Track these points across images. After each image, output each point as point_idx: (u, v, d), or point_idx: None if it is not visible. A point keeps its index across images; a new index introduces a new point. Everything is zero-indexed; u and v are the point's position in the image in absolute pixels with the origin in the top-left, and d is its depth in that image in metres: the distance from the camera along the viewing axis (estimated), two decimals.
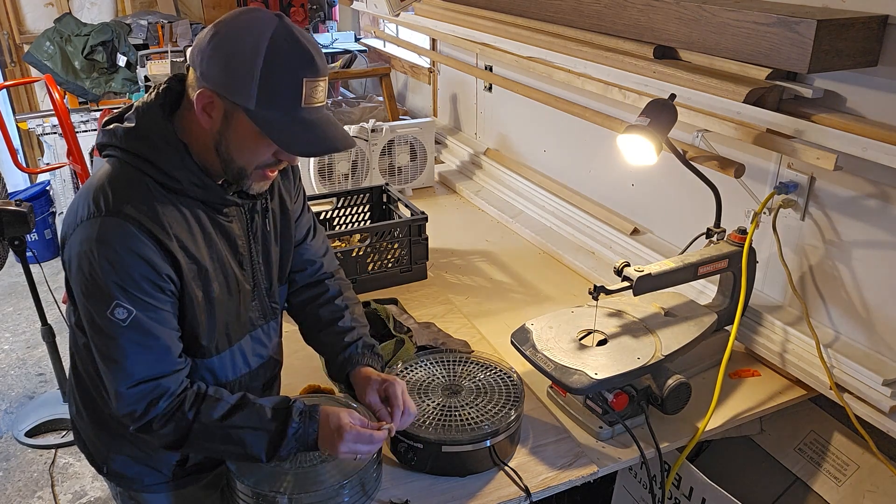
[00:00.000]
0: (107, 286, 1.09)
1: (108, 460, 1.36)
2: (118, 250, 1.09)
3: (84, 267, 1.10)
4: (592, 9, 1.89)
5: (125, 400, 1.15)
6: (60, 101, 3.15)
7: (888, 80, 1.44)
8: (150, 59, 3.63)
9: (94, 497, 2.72)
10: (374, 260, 2.11)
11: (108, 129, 1.17)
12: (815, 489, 1.69)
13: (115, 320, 1.11)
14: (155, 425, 1.16)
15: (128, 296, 1.10)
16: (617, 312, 1.66)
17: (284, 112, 1.10)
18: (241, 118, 1.10)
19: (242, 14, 1.11)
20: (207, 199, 1.19)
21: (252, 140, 1.13)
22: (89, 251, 1.09)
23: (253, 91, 1.07)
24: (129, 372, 1.14)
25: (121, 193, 1.11)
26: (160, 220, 1.12)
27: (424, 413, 1.43)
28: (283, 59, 1.07)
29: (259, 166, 1.17)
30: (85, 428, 1.38)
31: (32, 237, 4.35)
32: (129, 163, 1.14)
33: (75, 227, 1.12)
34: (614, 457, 1.48)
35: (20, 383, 3.38)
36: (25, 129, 4.16)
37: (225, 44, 1.08)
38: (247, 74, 1.06)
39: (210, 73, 1.08)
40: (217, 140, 1.14)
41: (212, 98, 1.10)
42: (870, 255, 1.57)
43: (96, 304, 1.11)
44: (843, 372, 1.56)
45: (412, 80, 3.84)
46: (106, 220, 1.09)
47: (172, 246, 1.13)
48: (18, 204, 2.62)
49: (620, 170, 2.20)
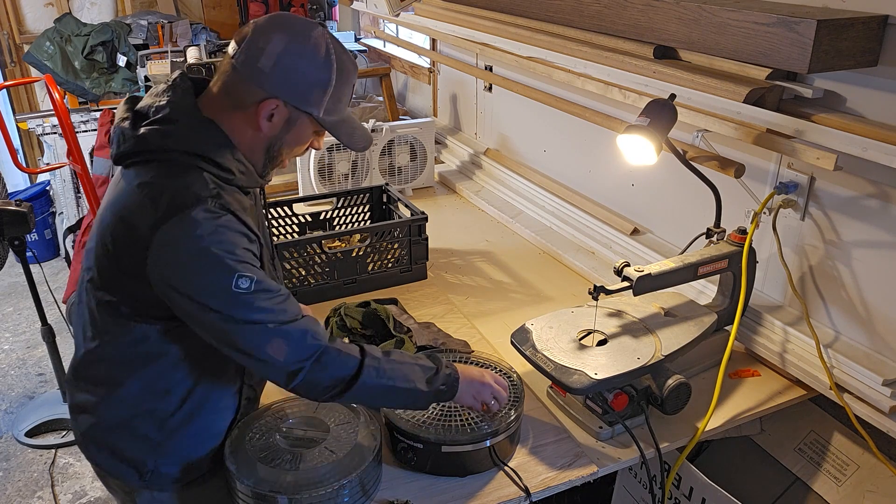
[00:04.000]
0: (222, 265, 1.14)
1: (151, 463, 1.33)
2: (220, 232, 1.15)
3: (191, 261, 1.14)
4: (592, 9, 1.89)
5: (291, 339, 1.18)
6: (60, 101, 3.14)
7: (888, 80, 1.44)
8: (150, 59, 3.62)
9: (94, 497, 2.71)
10: (374, 260, 2.11)
11: (143, 136, 1.19)
12: (815, 489, 1.69)
13: (242, 291, 1.15)
14: (330, 356, 1.21)
15: (243, 266, 1.16)
16: (617, 312, 1.66)
17: (339, 114, 1.27)
18: (304, 123, 1.25)
19: (297, 27, 1.20)
20: (245, 184, 1.27)
21: (306, 139, 1.29)
22: (194, 242, 1.13)
23: (325, 102, 1.23)
24: (283, 318, 1.18)
25: (195, 187, 1.17)
26: (232, 205, 1.20)
27: (424, 413, 1.43)
28: (345, 72, 1.23)
29: (294, 157, 1.33)
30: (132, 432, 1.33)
31: (32, 237, 4.35)
32: (181, 161, 1.19)
33: (156, 228, 1.14)
34: (614, 457, 1.48)
35: (20, 383, 3.38)
36: (25, 129, 4.15)
37: (298, 61, 1.19)
38: (324, 90, 1.21)
39: (284, 88, 1.19)
40: (272, 142, 1.26)
41: (277, 106, 1.20)
42: (870, 255, 1.57)
43: (217, 286, 1.15)
44: (843, 372, 1.56)
45: (412, 80, 3.84)
46: (197, 212, 1.14)
47: (249, 222, 1.21)
48: (18, 204, 2.62)
49: (620, 170, 2.20)
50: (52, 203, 4.45)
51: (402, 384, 1.27)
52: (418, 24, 3.11)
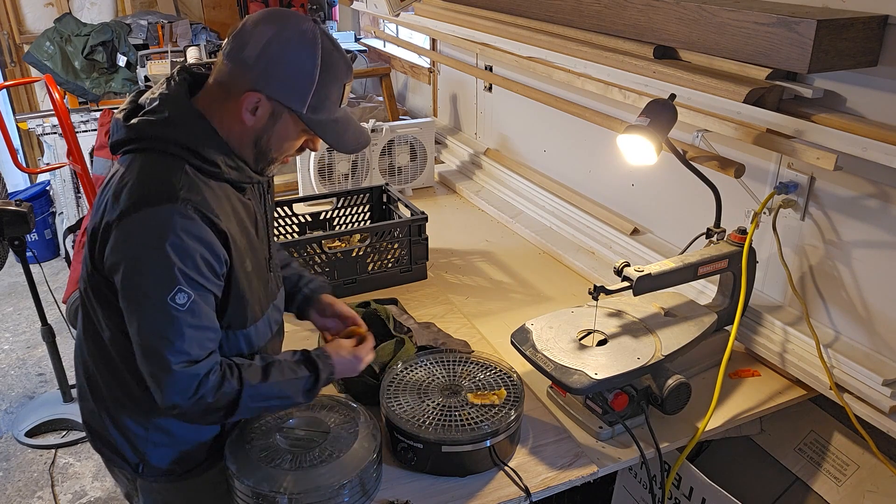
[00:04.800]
0: (170, 273, 1.12)
1: (141, 455, 1.35)
2: (182, 236, 1.12)
3: (144, 256, 1.13)
4: (592, 9, 1.89)
5: (178, 381, 1.16)
6: (60, 101, 3.14)
7: (888, 80, 1.44)
8: (150, 59, 3.62)
9: (94, 497, 2.71)
10: (374, 260, 2.11)
11: (132, 125, 1.19)
12: (815, 489, 1.69)
13: (175, 305, 1.13)
14: (209, 398, 1.19)
15: (189, 281, 1.14)
16: (617, 312, 1.66)
17: (328, 114, 1.22)
18: (288, 119, 1.21)
19: (287, 20, 1.17)
20: (236, 180, 1.25)
21: (294, 136, 1.25)
22: (152, 240, 1.12)
23: (308, 98, 1.19)
24: (184, 350, 1.16)
25: (171, 181, 1.15)
26: (209, 203, 1.17)
27: (424, 413, 1.43)
28: (333, 68, 1.19)
29: (287, 155, 1.29)
30: (117, 425, 1.35)
31: (32, 237, 4.35)
32: (166, 151, 1.18)
33: (121, 219, 1.13)
34: (614, 457, 1.48)
35: (20, 383, 3.38)
36: (25, 129, 4.15)
37: (282, 54, 1.16)
38: (306, 85, 1.17)
39: (265, 79, 1.16)
40: (259, 135, 1.22)
41: (259, 99, 1.18)
42: (870, 255, 1.57)
43: (157, 290, 1.13)
44: (843, 372, 1.56)
45: (412, 80, 3.84)
46: (164, 209, 1.12)
47: (223, 225, 1.18)
48: (18, 204, 2.62)
49: (620, 170, 2.20)
50: (52, 203, 4.45)
51: (277, 403, 1.29)
52: (418, 24, 3.11)
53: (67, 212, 3.99)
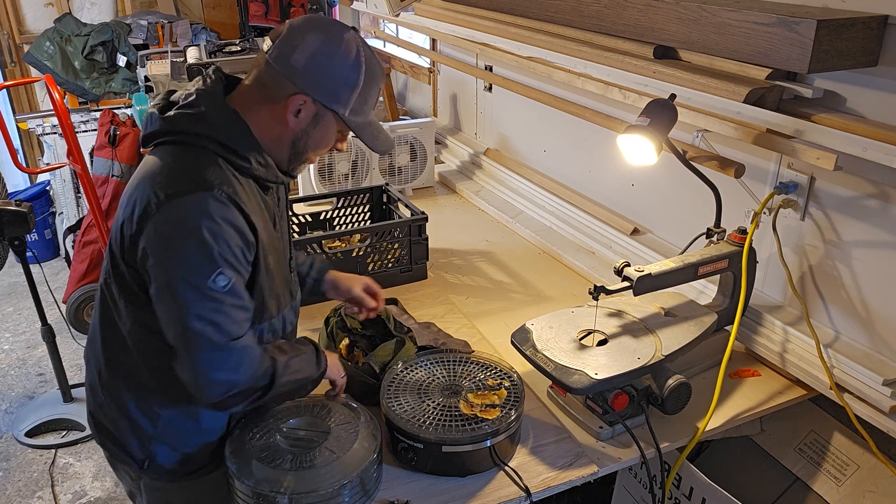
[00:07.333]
0: (210, 257, 1.16)
1: (148, 453, 1.35)
2: (219, 222, 1.16)
3: (182, 242, 1.15)
4: (592, 9, 1.89)
5: (225, 359, 1.19)
6: (60, 101, 3.14)
7: (888, 80, 1.44)
8: (150, 59, 3.62)
9: (94, 497, 2.71)
10: (374, 260, 2.11)
11: (169, 117, 1.23)
12: (815, 489, 1.69)
13: (216, 286, 1.17)
14: (252, 371, 1.23)
15: (227, 264, 1.18)
16: (617, 312, 1.66)
17: (365, 116, 1.30)
18: (330, 120, 1.27)
19: (332, 28, 1.24)
20: (263, 177, 1.28)
21: (331, 137, 1.31)
22: (191, 225, 1.15)
23: (352, 102, 1.26)
24: (226, 330, 1.19)
25: (206, 172, 1.19)
26: (240, 195, 1.21)
27: (424, 413, 1.43)
28: (374, 74, 1.27)
29: (319, 155, 1.36)
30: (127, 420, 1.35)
31: (32, 237, 4.35)
32: (199, 145, 1.22)
33: (160, 207, 1.15)
34: (614, 457, 1.48)
35: (20, 383, 3.38)
36: (25, 129, 4.15)
37: (330, 61, 1.22)
38: (352, 89, 1.25)
39: (312, 82, 1.22)
40: (297, 137, 1.28)
41: (305, 102, 1.23)
42: (870, 255, 1.57)
43: (197, 275, 1.16)
44: (843, 372, 1.56)
45: (412, 80, 3.84)
46: (200, 196, 1.16)
47: (252, 218, 1.22)
48: (18, 204, 2.62)
49: (620, 170, 2.20)
50: (52, 203, 4.45)
51: (300, 378, 1.34)
52: (418, 24, 3.11)
53: (67, 212, 3.99)
